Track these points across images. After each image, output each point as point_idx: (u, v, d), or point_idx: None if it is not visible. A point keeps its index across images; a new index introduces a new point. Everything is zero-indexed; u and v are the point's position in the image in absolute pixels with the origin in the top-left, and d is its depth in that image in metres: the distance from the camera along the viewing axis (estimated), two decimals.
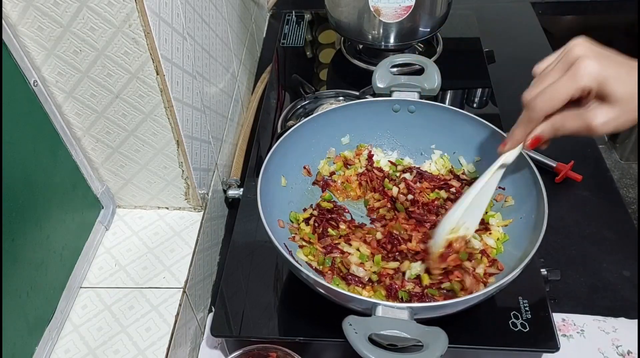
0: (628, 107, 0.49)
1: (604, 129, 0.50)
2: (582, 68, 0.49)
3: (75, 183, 0.66)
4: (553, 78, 0.52)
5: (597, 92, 0.50)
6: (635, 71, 0.50)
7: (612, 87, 0.49)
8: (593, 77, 0.49)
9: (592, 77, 0.49)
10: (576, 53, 0.50)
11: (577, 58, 0.50)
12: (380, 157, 0.79)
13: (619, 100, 0.49)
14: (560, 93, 0.51)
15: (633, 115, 0.50)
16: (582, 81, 0.49)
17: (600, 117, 0.50)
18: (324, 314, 0.61)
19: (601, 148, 1.94)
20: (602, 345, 0.70)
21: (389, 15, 0.94)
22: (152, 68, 0.59)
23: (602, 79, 0.49)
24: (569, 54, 0.51)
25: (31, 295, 0.56)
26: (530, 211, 0.64)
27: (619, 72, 0.49)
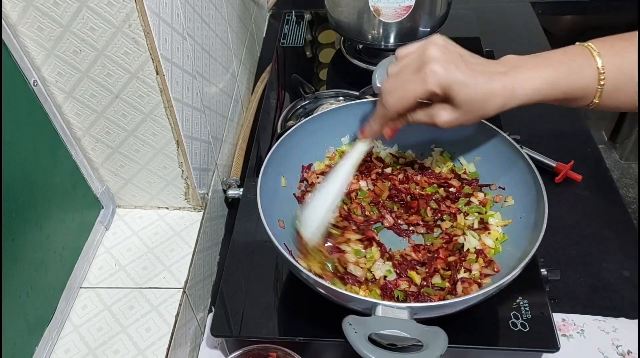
0: (469, 109, 0.54)
1: (447, 126, 0.56)
2: (430, 74, 0.53)
3: (75, 183, 0.66)
4: (406, 75, 0.55)
5: (442, 95, 0.54)
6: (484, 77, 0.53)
7: (455, 93, 0.53)
8: (439, 83, 0.53)
9: (438, 84, 0.53)
10: (429, 55, 0.54)
11: (428, 61, 0.53)
12: (380, 149, 0.79)
13: (461, 104, 0.54)
14: (410, 96, 0.55)
15: (475, 115, 0.55)
16: (429, 86, 0.53)
17: (443, 117, 0.56)
18: (324, 314, 0.61)
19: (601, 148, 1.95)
20: (602, 345, 0.70)
21: (389, 15, 0.94)
22: (152, 68, 0.59)
23: (447, 85, 0.53)
24: (424, 53, 0.54)
25: (31, 295, 0.56)
26: (530, 211, 0.64)
27: (465, 78, 0.53)
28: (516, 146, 0.67)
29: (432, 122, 0.57)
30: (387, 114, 0.58)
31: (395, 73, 0.57)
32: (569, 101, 0.55)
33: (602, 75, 0.52)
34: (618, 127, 1.94)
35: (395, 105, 0.56)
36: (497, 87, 0.53)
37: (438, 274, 0.64)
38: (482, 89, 0.53)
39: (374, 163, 0.77)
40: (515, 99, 0.54)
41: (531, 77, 0.53)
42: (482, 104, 0.54)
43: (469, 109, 0.54)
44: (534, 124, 0.98)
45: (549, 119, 1.00)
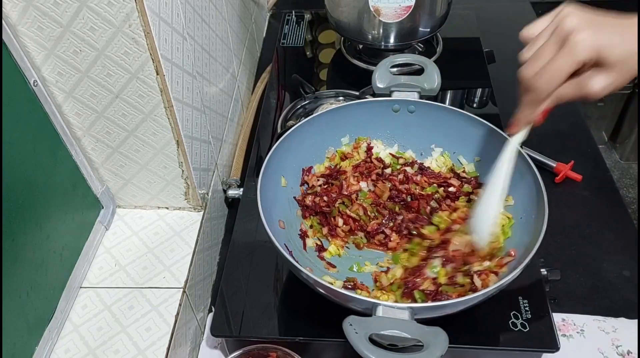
0: (623, 69, 0.51)
1: (601, 93, 0.52)
2: (578, 43, 0.50)
3: (75, 183, 0.66)
4: (549, 53, 0.52)
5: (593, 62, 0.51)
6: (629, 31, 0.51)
7: (608, 54, 0.50)
8: (590, 49, 0.50)
9: (590, 50, 0.50)
10: (569, 25, 0.51)
11: (571, 31, 0.50)
12: (380, 149, 0.79)
13: (615, 64, 0.50)
14: (562, 71, 0.51)
15: (629, 74, 0.51)
16: (581, 55, 0.50)
17: (598, 84, 0.51)
18: (324, 314, 0.61)
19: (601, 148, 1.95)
20: (602, 345, 0.70)
21: (389, 15, 0.94)
22: (152, 68, 0.59)
23: (599, 49, 0.50)
24: (561, 26, 0.51)
25: (31, 295, 0.56)
26: (530, 211, 0.64)
27: (613, 36, 0.50)
28: (517, 147, 0.67)
29: (583, 93, 0.52)
30: (539, 98, 0.54)
31: (533, 55, 0.54)
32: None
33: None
34: (618, 127, 1.94)
35: (547, 86, 0.52)
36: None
37: (460, 273, 0.64)
38: (631, 44, 0.50)
39: (374, 163, 0.77)
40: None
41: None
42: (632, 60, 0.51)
43: (623, 69, 0.51)
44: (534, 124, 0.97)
45: (549, 119, 0.99)
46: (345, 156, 0.78)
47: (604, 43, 0.50)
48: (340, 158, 0.78)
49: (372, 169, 0.76)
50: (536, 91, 0.54)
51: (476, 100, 1.00)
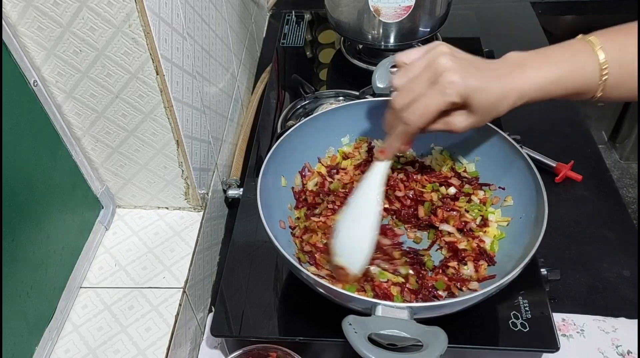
0: (484, 113, 0.55)
1: (463, 130, 0.57)
2: (448, 84, 0.53)
3: (75, 183, 0.66)
4: (420, 88, 0.54)
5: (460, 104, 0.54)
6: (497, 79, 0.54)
7: (473, 99, 0.53)
8: (458, 93, 0.53)
9: (458, 94, 0.53)
10: (442, 65, 0.53)
11: (443, 71, 0.53)
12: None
13: (477, 109, 0.54)
14: (431, 110, 0.55)
15: (488, 117, 0.56)
16: (450, 98, 0.53)
17: (461, 123, 0.56)
18: (324, 314, 0.61)
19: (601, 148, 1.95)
20: (602, 345, 0.70)
21: (389, 15, 0.94)
22: (152, 68, 0.59)
23: (465, 93, 0.53)
24: (434, 63, 0.54)
25: (31, 295, 0.56)
26: (530, 211, 0.64)
27: (480, 83, 0.53)
28: (516, 146, 0.67)
29: (448, 129, 0.57)
30: (410, 131, 0.57)
31: (405, 86, 0.56)
32: (572, 96, 0.56)
33: (605, 70, 0.53)
34: (618, 128, 1.94)
35: (418, 122, 0.56)
36: (508, 88, 0.54)
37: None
38: (496, 93, 0.53)
39: None
40: (522, 98, 0.54)
41: (535, 76, 0.54)
42: (497, 105, 0.54)
43: (484, 112, 0.55)
44: (534, 124, 0.97)
45: (549, 119, 1.00)
46: (346, 156, 0.78)
47: (473, 88, 0.53)
48: (342, 158, 0.78)
49: None
50: (408, 124, 0.56)
51: None
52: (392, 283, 0.63)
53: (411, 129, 0.57)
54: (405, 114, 0.56)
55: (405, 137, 0.59)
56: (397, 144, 0.60)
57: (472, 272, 0.64)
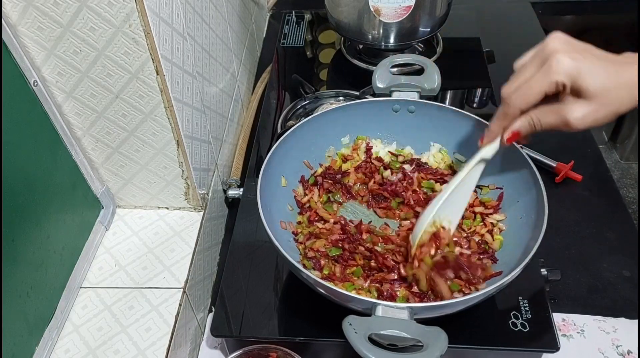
0: (604, 101, 0.50)
1: (581, 123, 0.51)
2: (555, 63, 0.50)
3: (75, 183, 0.66)
4: (529, 73, 0.52)
5: (571, 87, 0.50)
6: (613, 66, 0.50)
7: (585, 82, 0.49)
8: (566, 72, 0.49)
9: (565, 72, 0.49)
10: (551, 48, 0.51)
11: (552, 53, 0.50)
12: (379, 148, 0.79)
13: (594, 95, 0.49)
14: (534, 89, 0.51)
15: (610, 108, 0.50)
16: (555, 77, 0.50)
17: (577, 112, 0.51)
18: (324, 314, 0.61)
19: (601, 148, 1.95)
20: (602, 345, 0.70)
21: (389, 15, 0.94)
22: (152, 68, 0.59)
23: (576, 74, 0.49)
24: (544, 48, 0.51)
25: (31, 295, 0.56)
26: (530, 211, 0.64)
27: (593, 66, 0.49)
28: (516, 146, 0.67)
29: (563, 121, 0.52)
30: (510, 112, 0.54)
31: (517, 74, 0.54)
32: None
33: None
34: (618, 128, 1.94)
35: (519, 102, 0.53)
36: (630, 77, 0.49)
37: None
38: (614, 77, 0.49)
39: (374, 164, 0.77)
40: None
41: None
42: (617, 93, 0.49)
43: (604, 101, 0.49)
44: None
45: None
46: (345, 158, 0.78)
47: (583, 70, 0.49)
48: (342, 161, 0.78)
49: (373, 170, 0.76)
50: (508, 104, 0.54)
51: (476, 100, 1.00)
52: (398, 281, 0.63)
53: (511, 110, 0.53)
54: (509, 97, 0.53)
55: (505, 119, 0.55)
56: (497, 129, 0.57)
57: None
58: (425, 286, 0.61)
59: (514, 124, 0.56)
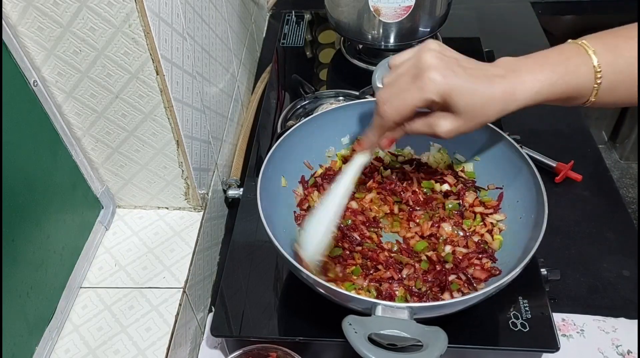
0: (471, 117, 0.53)
1: (448, 135, 0.54)
2: (427, 81, 0.51)
3: (75, 183, 0.66)
4: (403, 83, 0.53)
5: (441, 104, 0.52)
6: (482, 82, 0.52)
7: (454, 100, 0.52)
8: (437, 91, 0.51)
9: (437, 91, 0.51)
10: (426, 62, 0.52)
11: (426, 68, 0.52)
12: (378, 149, 0.79)
13: (462, 111, 0.52)
14: (408, 105, 0.53)
15: (476, 121, 0.53)
16: (427, 95, 0.52)
17: (444, 126, 0.54)
18: (324, 314, 0.61)
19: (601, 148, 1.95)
20: (602, 344, 0.70)
21: (389, 15, 0.94)
22: (152, 68, 0.59)
23: (447, 92, 0.51)
24: (420, 59, 0.52)
25: (31, 295, 0.56)
26: (530, 211, 0.64)
27: (464, 84, 0.51)
28: (516, 146, 0.67)
29: (431, 132, 0.55)
30: (385, 125, 0.56)
31: (390, 82, 0.55)
32: (566, 100, 0.54)
33: (599, 73, 0.52)
34: (618, 128, 1.94)
35: (392, 115, 0.55)
36: (498, 92, 0.52)
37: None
38: (482, 95, 0.51)
39: (374, 163, 0.77)
40: (515, 102, 0.52)
41: (530, 80, 0.52)
42: (484, 109, 0.52)
43: (470, 116, 0.53)
44: (534, 124, 0.98)
45: (549, 119, 1.00)
46: (346, 159, 0.78)
47: (453, 89, 0.51)
48: (342, 161, 0.78)
49: (372, 170, 0.76)
50: (383, 117, 0.55)
51: None
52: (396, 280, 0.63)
53: (385, 123, 0.56)
54: (382, 108, 0.55)
55: (380, 130, 0.58)
56: (373, 138, 0.59)
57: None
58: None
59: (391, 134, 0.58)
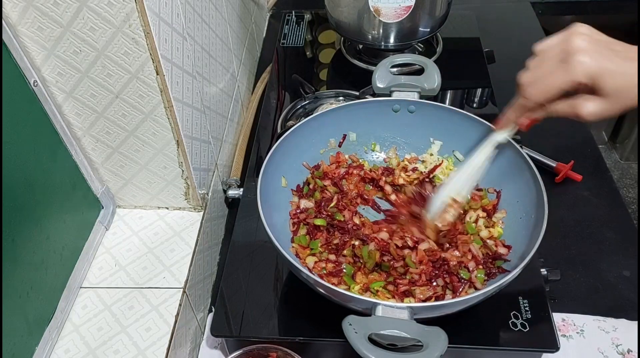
0: (618, 100, 0.51)
1: (591, 118, 0.53)
2: (578, 64, 0.50)
3: (75, 183, 0.66)
4: (549, 66, 0.53)
5: (589, 86, 0.51)
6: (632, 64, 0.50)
7: (604, 83, 0.50)
8: (587, 73, 0.50)
9: (586, 74, 0.50)
10: (575, 44, 0.51)
11: (575, 50, 0.51)
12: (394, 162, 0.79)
13: (609, 94, 0.51)
14: (554, 86, 0.53)
15: (622, 105, 0.52)
16: (576, 77, 0.51)
17: (589, 108, 0.52)
18: (324, 314, 0.61)
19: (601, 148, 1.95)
20: (601, 344, 0.70)
21: (389, 15, 0.94)
22: (152, 68, 0.59)
23: (596, 75, 0.50)
24: (568, 42, 0.52)
25: (31, 295, 0.56)
26: (530, 211, 0.64)
27: (614, 67, 0.50)
28: (516, 146, 0.67)
29: (574, 113, 0.54)
30: (527, 105, 0.56)
31: (536, 65, 0.55)
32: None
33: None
34: (618, 128, 1.94)
35: (537, 96, 0.54)
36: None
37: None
38: (631, 77, 0.50)
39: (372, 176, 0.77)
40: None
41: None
42: (631, 93, 0.51)
43: (617, 99, 0.51)
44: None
45: (549, 119, 0.99)
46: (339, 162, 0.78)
47: (603, 71, 0.50)
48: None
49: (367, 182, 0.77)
50: (527, 97, 0.55)
51: (476, 100, 1.00)
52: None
53: (529, 103, 0.56)
54: (527, 89, 0.55)
55: (522, 110, 0.58)
56: (512, 117, 0.59)
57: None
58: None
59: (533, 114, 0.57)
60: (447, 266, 0.63)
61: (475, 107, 0.99)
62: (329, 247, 0.67)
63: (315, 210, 0.71)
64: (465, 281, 0.62)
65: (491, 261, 0.64)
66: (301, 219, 0.70)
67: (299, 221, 0.70)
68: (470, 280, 0.62)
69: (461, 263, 0.63)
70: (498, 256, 0.64)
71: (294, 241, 0.68)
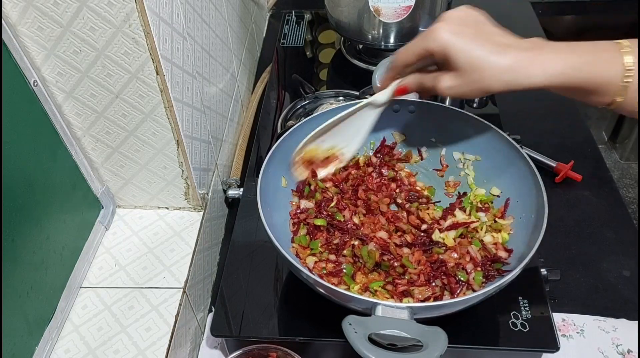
0: (469, 79, 0.54)
1: (448, 92, 0.57)
2: (433, 32, 0.55)
3: (75, 183, 0.66)
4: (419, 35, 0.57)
5: (441, 57, 0.55)
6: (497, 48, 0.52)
7: (454, 57, 0.53)
8: (439, 43, 0.54)
9: (438, 43, 0.54)
10: (447, 15, 0.55)
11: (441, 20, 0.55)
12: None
13: (461, 70, 0.53)
14: (410, 50, 0.58)
15: (475, 87, 0.54)
16: (430, 44, 0.55)
17: (445, 82, 0.56)
18: (324, 314, 0.61)
19: (601, 148, 1.95)
20: (602, 344, 0.70)
21: (389, 15, 0.94)
22: (152, 68, 0.59)
23: (447, 47, 0.53)
24: (446, 13, 0.56)
25: (31, 295, 0.56)
26: (530, 211, 0.64)
27: (470, 44, 0.53)
28: (516, 146, 0.67)
29: (434, 87, 0.57)
30: (394, 67, 0.61)
31: None
32: (588, 92, 0.52)
33: (629, 72, 0.49)
34: (618, 127, 1.94)
35: (400, 59, 0.59)
36: (505, 61, 0.51)
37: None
38: (484, 59, 0.52)
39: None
40: (529, 78, 0.51)
41: (552, 58, 0.51)
42: (484, 74, 0.52)
43: (470, 78, 0.53)
44: (534, 124, 0.98)
45: (549, 119, 1.00)
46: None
47: (456, 45, 0.53)
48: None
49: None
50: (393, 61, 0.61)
51: (476, 100, 1.00)
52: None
53: (395, 64, 0.60)
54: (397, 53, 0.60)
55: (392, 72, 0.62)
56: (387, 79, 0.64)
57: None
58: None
59: (403, 80, 0.62)
60: (445, 268, 0.63)
61: (475, 107, 0.99)
62: (329, 247, 0.67)
63: (315, 210, 0.71)
64: (463, 283, 0.62)
65: (490, 264, 0.64)
66: (301, 219, 0.70)
67: (299, 221, 0.70)
68: (468, 282, 0.62)
69: (459, 265, 0.63)
70: (497, 259, 0.64)
71: (294, 241, 0.68)
